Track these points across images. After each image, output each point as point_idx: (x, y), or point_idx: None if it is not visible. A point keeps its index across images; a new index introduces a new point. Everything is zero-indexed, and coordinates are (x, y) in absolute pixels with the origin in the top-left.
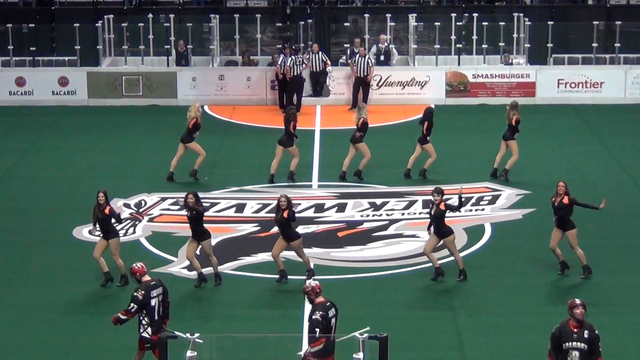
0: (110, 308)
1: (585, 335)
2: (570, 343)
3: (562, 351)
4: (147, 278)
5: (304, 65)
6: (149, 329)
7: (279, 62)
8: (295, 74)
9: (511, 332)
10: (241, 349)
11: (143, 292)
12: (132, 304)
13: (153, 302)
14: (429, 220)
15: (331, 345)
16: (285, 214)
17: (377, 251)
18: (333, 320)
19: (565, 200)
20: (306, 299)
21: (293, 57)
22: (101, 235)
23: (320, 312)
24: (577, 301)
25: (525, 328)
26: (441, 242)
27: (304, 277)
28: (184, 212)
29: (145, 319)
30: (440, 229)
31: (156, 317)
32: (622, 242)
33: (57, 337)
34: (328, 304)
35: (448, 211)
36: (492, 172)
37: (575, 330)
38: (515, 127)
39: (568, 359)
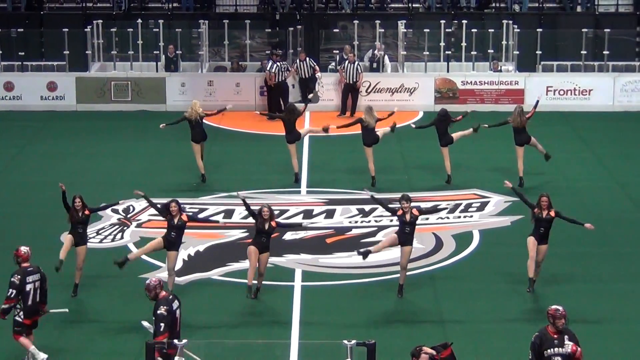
0: (99, 314)
1: (566, 340)
2: (552, 350)
3: (544, 358)
4: (26, 264)
5: (287, 72)
6: (22, 314)
7: (268, 68)
8: (280, 80)
9: (499, 339)
10: (229, 356)
11: (19, 276)
12: (10, 290)
13: (28, 287)
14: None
15: (176, 337)
16: (273, 223)
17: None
18: (177, 311)
19: (552, 213)
20: (149, 296)
21: (277, 63)
22: (71, 237)
23: (165, 307)
24: (560, 311)
25: (514, 335)
26: (399, 248)
27: (287, 283)
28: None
29: (20, 303)
30: (407, 236)
31: (30, 302)
32: (610, 250)
33: (45, 342)
34: (171, 297)
35: (421, 216)
36: (519, 183)
37: (555, 336)
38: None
39: None
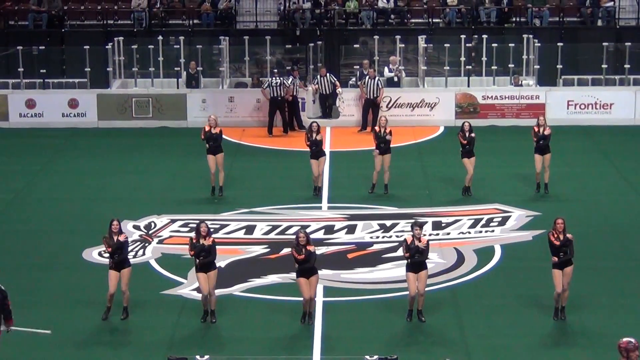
0: (120, 330)
1: None
2: None
3: None
4: None
5: (282, 87)
6: None
7: (289, 84)
8: (274, 95)
9: (521, 354)
10: None
11: None
12: None
13: None
14: (407, 257)
15: None
16: (311, 248)
17: (386, 273)
18: None
19: (569, 235)
20: None
21: (272, 78)
22: (111, 264)
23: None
24: (633, 343)
25: (536, 350)
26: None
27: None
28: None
29: None
30: (422, 263)
31: None
32: (632, 264)
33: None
34: None
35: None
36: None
37: None
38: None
39: None
